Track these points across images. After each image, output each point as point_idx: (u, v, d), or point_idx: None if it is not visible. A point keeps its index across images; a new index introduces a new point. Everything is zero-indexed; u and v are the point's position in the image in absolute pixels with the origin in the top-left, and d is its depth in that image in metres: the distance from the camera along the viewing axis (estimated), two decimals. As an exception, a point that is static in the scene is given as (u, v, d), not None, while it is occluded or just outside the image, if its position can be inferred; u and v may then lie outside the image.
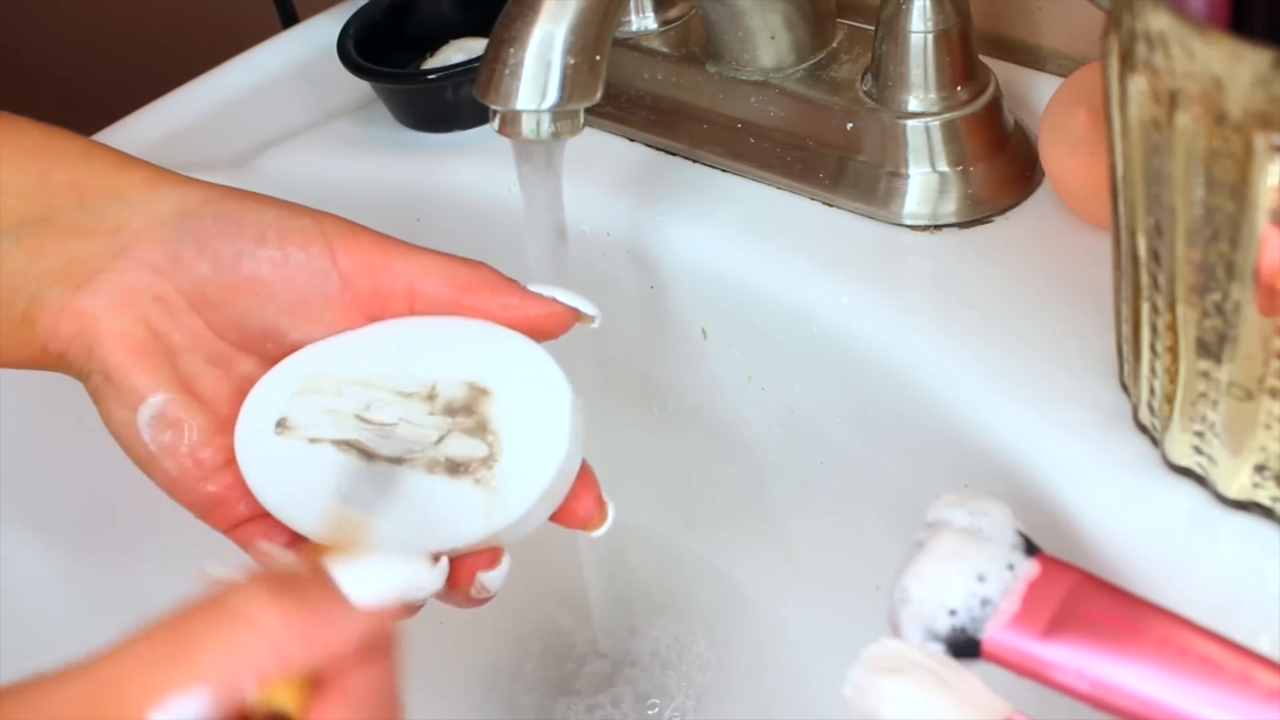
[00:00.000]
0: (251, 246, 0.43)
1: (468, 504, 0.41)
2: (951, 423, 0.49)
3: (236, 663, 0.29)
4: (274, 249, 0.43)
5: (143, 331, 0.43)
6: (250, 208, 0.44)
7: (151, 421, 0.43)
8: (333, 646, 0.30)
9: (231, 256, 0.43)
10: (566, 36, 0.46)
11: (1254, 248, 0.35)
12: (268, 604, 0.30)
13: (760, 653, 0.61)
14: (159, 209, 0.44)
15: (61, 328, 0.43)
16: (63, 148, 0.46)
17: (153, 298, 0.43)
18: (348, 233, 0.44)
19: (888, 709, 0.33)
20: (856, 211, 0.56)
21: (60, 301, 0.43)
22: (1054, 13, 0.59)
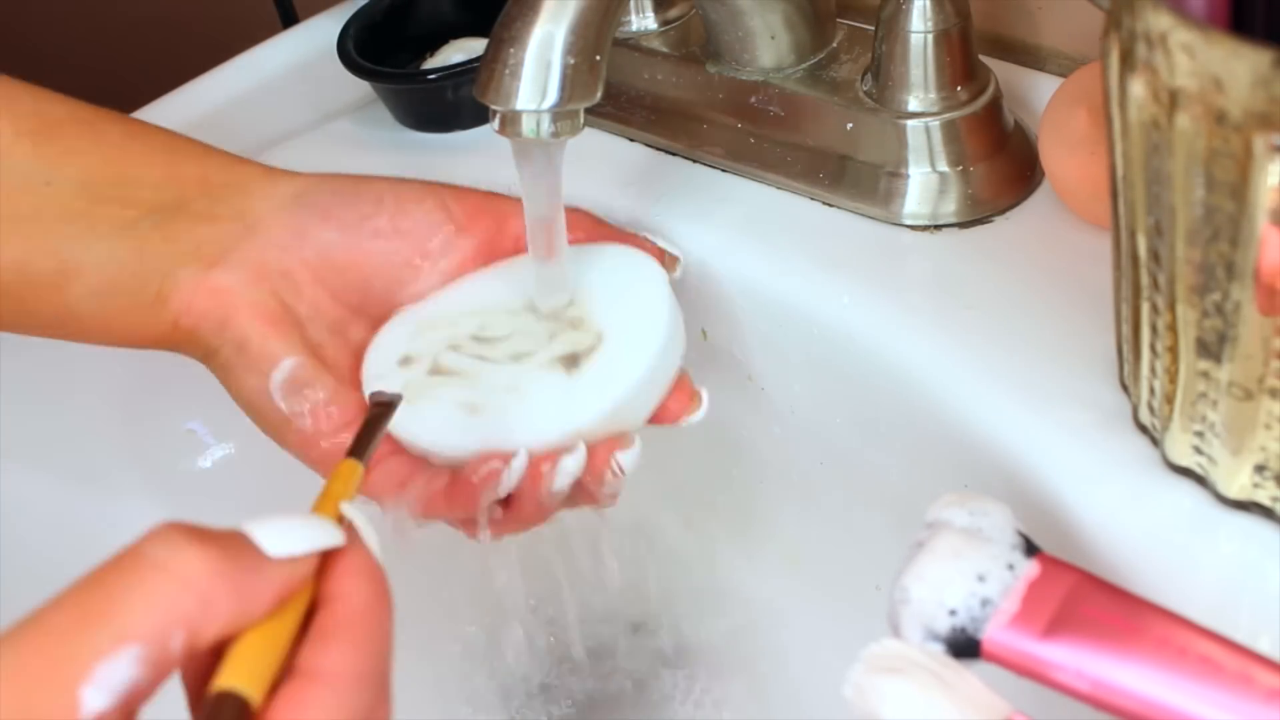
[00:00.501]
0: (372, 208, 0.47)
1: (581, 393, 0.45)
2: (951, 423, 0.49)
3: (163, 615, 0.28)
4: (392, 206, 0.47)
5: (274, 302, 0.46)
6: (363, 181, 0.49)
7: (283, 384, 0.46)
8: (259, 594, 0.30)
9: (355, 219, 0.47)
10: (566, 36, 0.46)
11: (1254, 248, 0.35)
12: (190, 553, 0.29)
13: (760, 653, 0.61)
14: (279, 193, 0.48)
15: (196, 304, 0.46)
16: (186, 147, 0.50)
17: (280, 273, 0.47)
18: (456, 188, 0.49)
19: (888, 709, 0.33)
20: (856, 211, 0.56)
21: (194, 280, 0.46)
22: (1054, 13, 0.59)
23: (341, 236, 0.47)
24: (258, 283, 0.46)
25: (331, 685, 0.29)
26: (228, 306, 0.46)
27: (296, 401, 0.46)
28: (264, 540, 0.30)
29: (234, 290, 0.46)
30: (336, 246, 0.47)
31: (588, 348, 0.46)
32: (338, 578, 0.31)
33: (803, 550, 0.61)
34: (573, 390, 0.45)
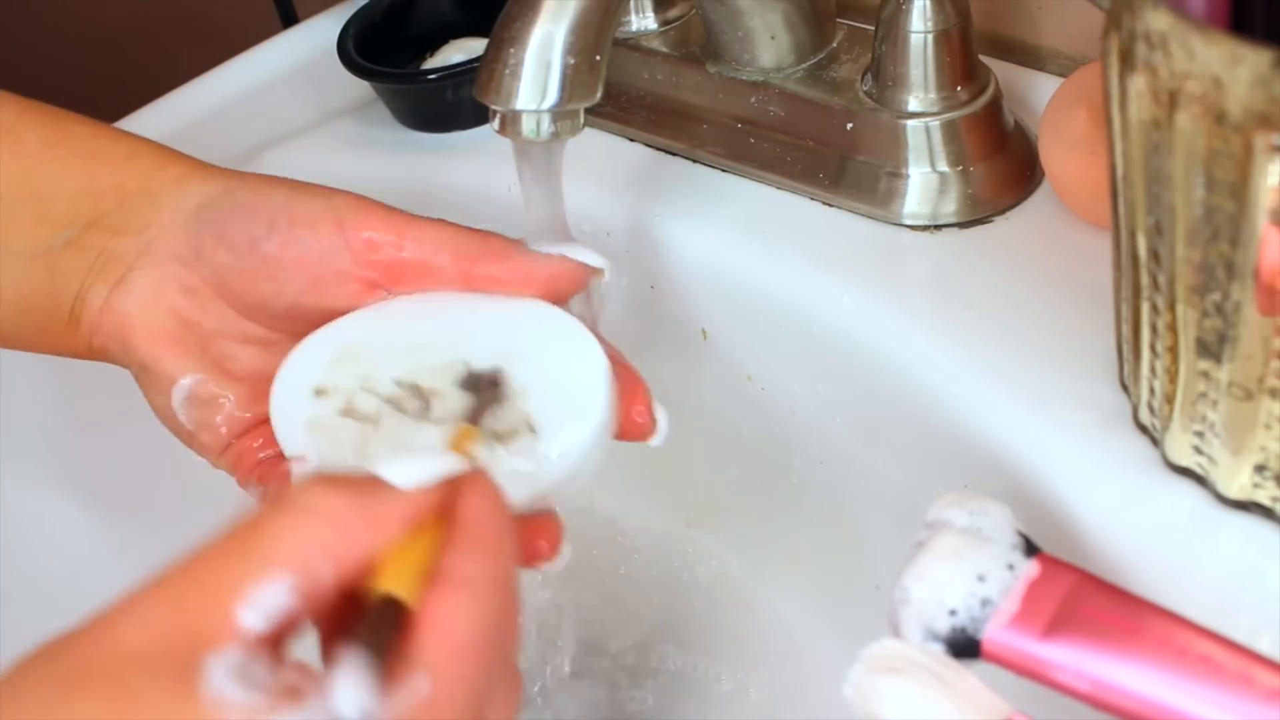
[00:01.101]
0: (264, 231, 0.45)
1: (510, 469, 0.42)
2: (951, 422, 0.49)
3: (309, 547, 0.31)
4: (284, 231, 0.45)
5: (172, 321, 0.45)
6: (263, 193, 0.46)
7: (184, 401, 0.45)
8: (393, 521, 0.32)
9: (246, 243, 0.45)
10: (566, 36, 0.46)
11: (1254, 248, 0.35)
12: (326, 493, 0.32)
13: (760, 652, 0.61)
14: (185, 203, 0.46)
15: (102, 325, 0.46)
16: (109, 150, 0.48)
17: (180, 289, 0.45)
18: (356, 209, 0.45)
19: (888, 709, 0.34)
20: (856, 211, 0.56)
21: (100, 301, 0.46)
22: (1054, 13, 0.59)
23: (233, 260, 0.45)
24: (155, 303, 0.45)
25: (470, 587, 0.32)
26: (127, 330, 0.45)
27: (199, 416, 0.46)
28: (392, 475, 0.34)
29: (132, 313, 0.45)
30: (229, 270, 0.45)
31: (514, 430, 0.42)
32: (466, 502, 0.34)
33: (803, 550, 0.61)
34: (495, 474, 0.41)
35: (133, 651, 0.29)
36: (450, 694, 0.30)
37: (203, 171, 0.47)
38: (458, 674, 0.31)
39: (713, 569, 0.64)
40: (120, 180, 0.47)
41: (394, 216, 0.45)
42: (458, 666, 0.31)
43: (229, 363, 0.46)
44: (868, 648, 0.35)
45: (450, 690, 0.30)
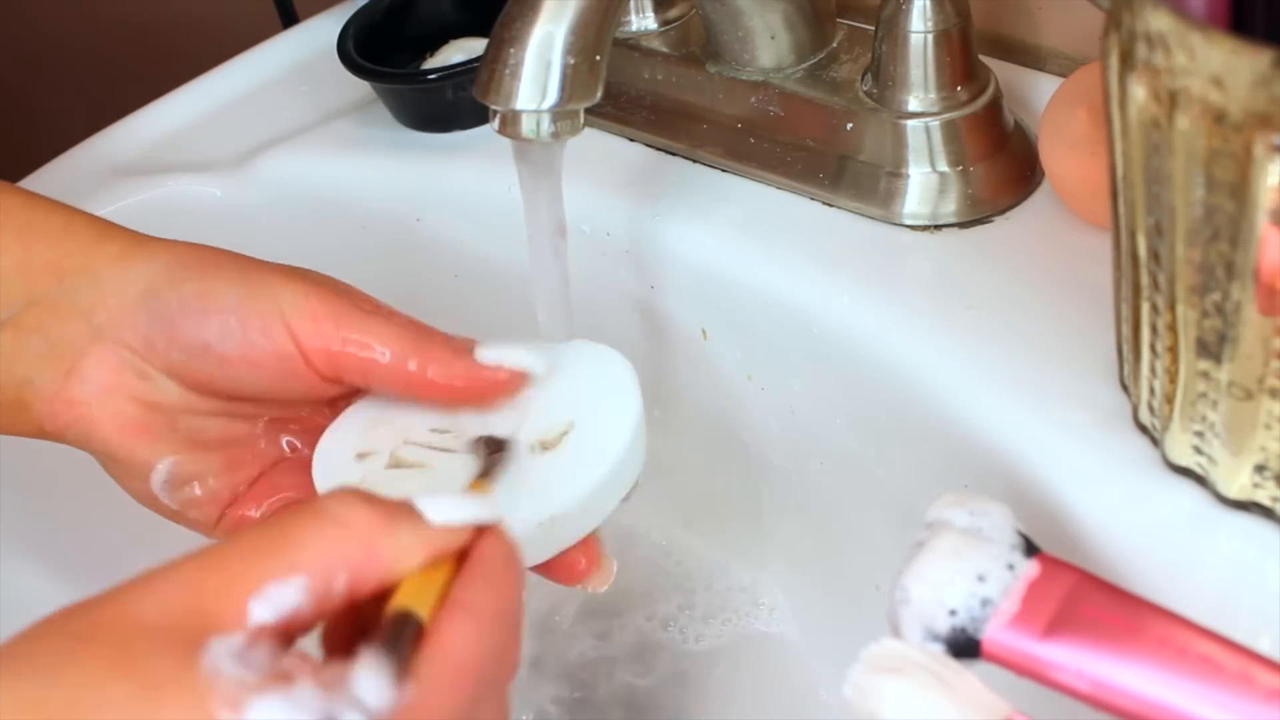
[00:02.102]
0: (216, 337, 0.44)
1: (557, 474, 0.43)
2: (951, 422, 0.49)
3: (331, 556, 0.32)
4: (238, 337, 0.44)
5: (135, 408, 0.44)
6: (212, 289, 0.44)
7: (165, 485, 0.45)
8: (417, 552, 0.33)
9: (199, 346, 0.44)
10: (566, 36, 0.46)
11: (1254, 248, 0.35)
12: (360, 508, 0.33)
13: (760, 652, 0.61)
14: (128, 289, 0.45)
15: (56, 414, 0.44)
16: (43, 223, 0.46)
17: (136, 375, 0.44)
18: (304, 308, 0.44)
19: (888, 709, 0.33)
20: (856, 211, 0.56)
21: (51, 389, 0.44)
22: (1054, 13, 0.59)
23: (187, 360, 0.44)
24: (114, 392, 0.44)
25: (477, 616, 0.33)
26: (87, 421, 0.44)
27: (184, 496, 0.45)
28: (427, 510, 0.34)
29: (90, 403, 0.44)
30: (184, 366, 0.44)
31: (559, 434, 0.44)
32: (482, 541, 0.35)
33: (803, 550, 0.61)
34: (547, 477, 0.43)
35: (144, 621, 0.30)
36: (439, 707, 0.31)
37: (143, 249, 0.46)
38: (449, 691, 0.32)
39: (712, 569, 0.64)
40: (56, 257, 0.45)
41: (341, 312, 0.44)
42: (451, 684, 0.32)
43: (201, 435, 0.45)
44: (868, 648, 0.35)
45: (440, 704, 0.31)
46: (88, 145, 0.71)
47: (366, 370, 0.44)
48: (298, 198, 0.66)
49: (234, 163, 0.68)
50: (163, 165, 0.69)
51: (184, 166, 0.68)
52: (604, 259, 0.59)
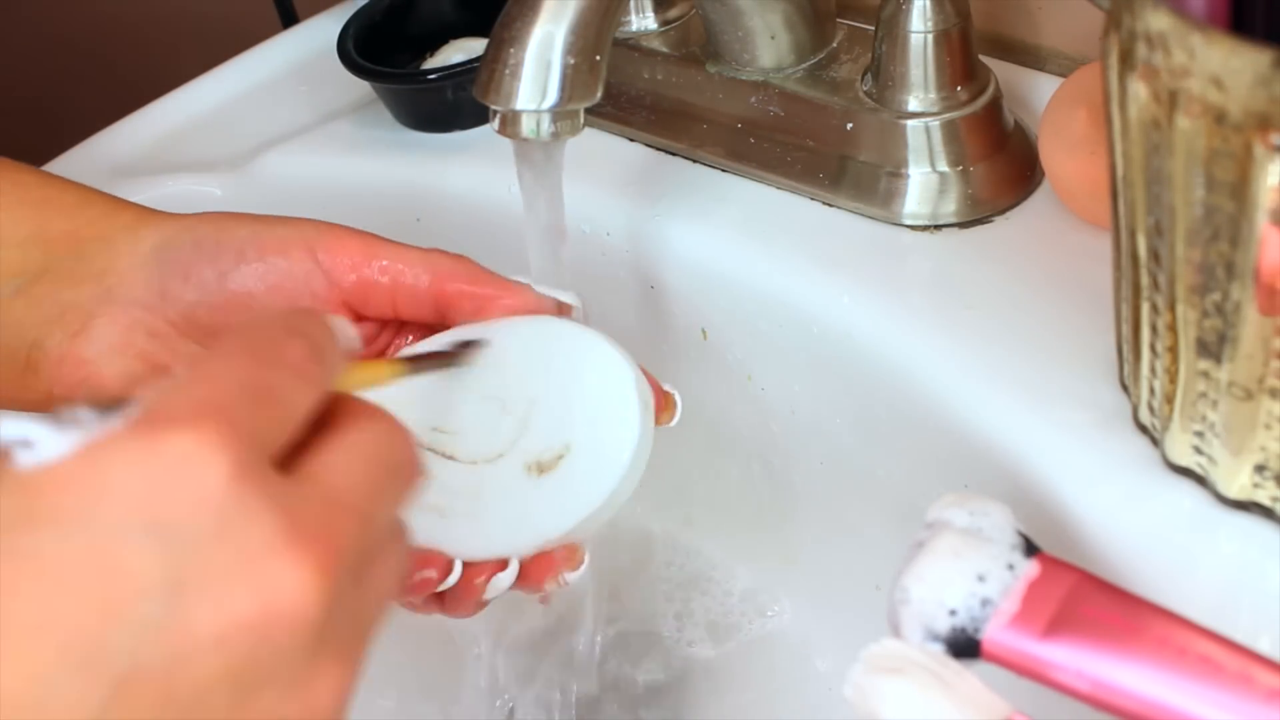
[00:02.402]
0: (233, 264, 0.44)
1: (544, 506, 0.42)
2: (952, 422, 0.49)
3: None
4: (255, 261, 0.44)
5: (141, 366, 0.44)
6: (226, 228, 0.45)
7: None
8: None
9: (215, 278, 0.44)
10: (566, 36, 0.46)
11: (1254, 248, 0.35)
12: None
13: (760, 652, 0.61)
14: (142, 247, 0.45)
15: (65, 374, 0.45)
16: (59, 198, 0.47)
17: (146, 334, 0.45)
18: (326, 233, 0.45)
19: (888, 709, 0.33)
20: (856, 211, 0.56)
21: (61, 349, 0.45)
22: (1054, 13, 0.59)
23: (202, 297, 0.45)
24: (124, 350, 0.45)
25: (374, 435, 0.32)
26: (95, 379, 0.44)
27: None
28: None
29: (99, 360, 0.45)
30: (199, 307, 0.45)
31: (555, 456, 0.43)
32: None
33: (803, 550, 0.61)
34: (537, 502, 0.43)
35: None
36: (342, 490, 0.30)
37: (157, 217, 0.47)
38: (349, 483, 0.31)
39: (712, 568, 0.64)
40: (73, 227, 0.46)
41: (364, 236, 0.45)
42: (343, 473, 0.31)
43: None
44: (868, 648, 0.35)
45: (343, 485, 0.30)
46: (88, 145, 0.71)
47: (394, 287, 0.45)
48: (298, 197, 0.66)
49: (234, 163, 0.68)
50: (163, 165, 0.69)
51: (184, 166, 0.68)
52: (604, 259, 0.59)
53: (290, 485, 0.30)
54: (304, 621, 0.28)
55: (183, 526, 0.28)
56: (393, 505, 0.32)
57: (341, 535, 0.30)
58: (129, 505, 0.27)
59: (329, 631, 0.29)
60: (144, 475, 0.28)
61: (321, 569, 0.29)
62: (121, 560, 0.27)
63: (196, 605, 0.27)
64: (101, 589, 0.27)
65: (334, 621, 0.29)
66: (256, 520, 0.28)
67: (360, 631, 0.31)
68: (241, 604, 0.28)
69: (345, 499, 0.30)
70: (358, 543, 0.30)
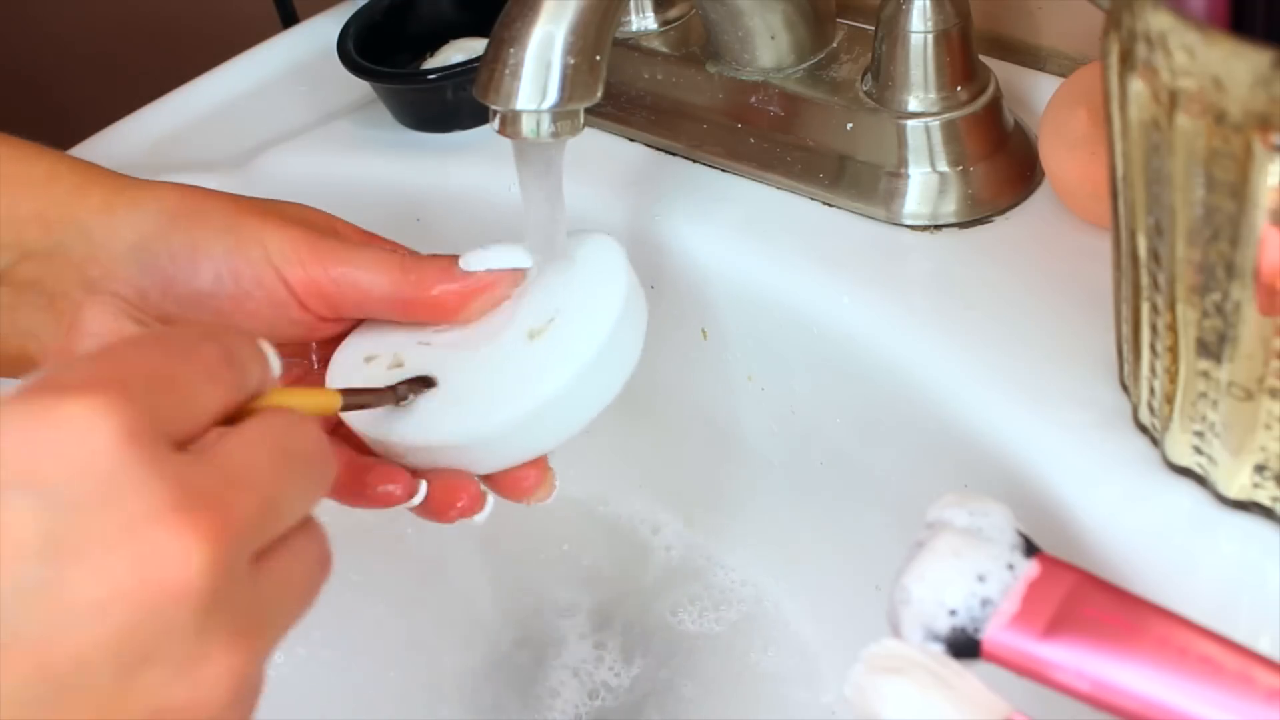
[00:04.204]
0: (210, 288, 0.45)
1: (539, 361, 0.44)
2: (951, 422, 0.49)
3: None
4: (231, 287, 0.45)
5: None
6: (201, 241, 0.45)
7: None
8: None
9: (193, 297, 0.45)
10: (566, 36, 0.46)
11: (1254, 248, 0.35)
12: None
13: (760, 652, 0.61)
14: (117, 243, 0.45)
15: None
16: (26, 173, 0.46)
17: (135, 323, 0.45)
18: (290, 254, 0.45)
19: (888, 709, 0.33)
20: (856, 211, 0.56)
21: (56, 343, 0.45)
22: (1054, 13, 0.59)
23: (181, 311, 0.45)
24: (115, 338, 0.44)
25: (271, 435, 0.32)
26: None
27: None
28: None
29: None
30: (178, 318, 0.45)
31: (546, 321, 0.45)
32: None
33: (803, 550, 0.61)
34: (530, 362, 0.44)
35: None
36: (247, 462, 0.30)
37: (125, 195, 0.46)
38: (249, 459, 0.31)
39: (712, 568, 0.64)
40: (41, 207, 0.46)
41: (323, 250, 0.45)
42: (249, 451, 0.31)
43: None
44: (868, 648, 0.35)
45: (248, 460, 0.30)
46: (88, 145, 0.71)
47: (360, 302, 0.45)
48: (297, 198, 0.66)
49: (234, 163, 0.68)
50: (163, 165, 0.69)
51: (184, 166, 0.68)
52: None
53: (183, 458, 0.29)
54: (189, 593, 0.28)
55: (64, 489, 0.27)
56: (300, 493, 0.32)
57: (234, 509, 0.29)
58: (9, 466, 0.27)
59: (219, 609, 0.28)
60: (30, 438, 0.27)
61: (209, 541, 0.28)
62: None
63: (75, 571, 0.27)
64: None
65: (225, 600, 0.28)
66: (143, 487, 0.27)
67: (259, 618, 0.30)
68: (122, 571, 0.27)
69: (243, 475, 0.30)
70: (254, 521, 0.30)
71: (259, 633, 0.30)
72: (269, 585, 0.30)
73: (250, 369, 0.33)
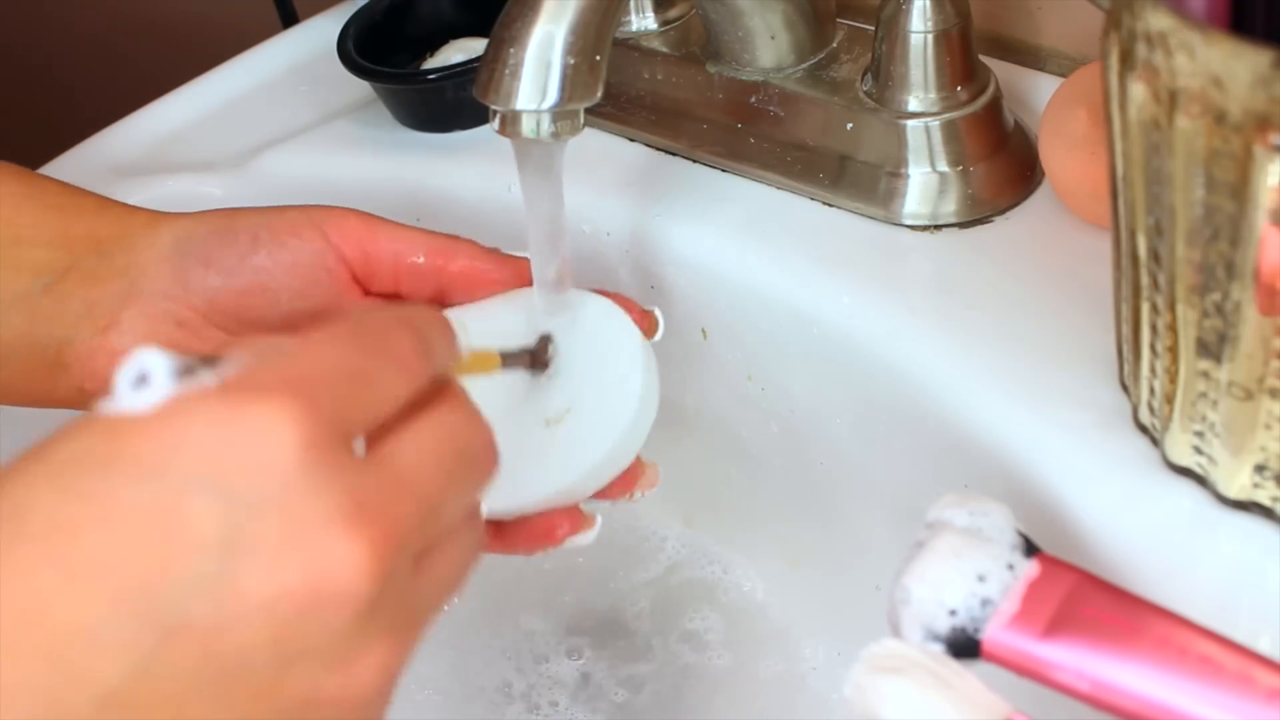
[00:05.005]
0: (249, 247, 0.47)
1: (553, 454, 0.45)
2: (951, 422, 0.49)
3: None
4: (270, 243, 0.47)
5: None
6: (240, 216, 0.48)
7: None
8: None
9: (235, 261, 0.47)
10: (566, 36, 0.46)
11: (1254, 248, 0.35)
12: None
13: (760, 652, 0.61)
14: (161, 241, 0.47)
15: (96, 368, 0.46)
16: (79, 203, 0.49)
17: (174, 323, 0.47)
18: (333, 215, 0.48)
19: (888, 709, 0.34)
20: (856, 211, 0.56)
21: (91, 343, 0.46)
22: (1054, 13, 0.59)
23: (224, 282, 0.47)
24: (152, 339, 0.46)
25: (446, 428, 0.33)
26: None
27: None
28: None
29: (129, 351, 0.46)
30: (221, 292, 0.47)
31: (562, 411, 0.46)
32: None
33: (803, 550, 0.61)
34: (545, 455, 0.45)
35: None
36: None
37: (170, 215, 0.49)
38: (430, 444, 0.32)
39: (712, 569, 0.64)
40: (94, 227, 0.48)
41: (369, 218, 0.48)
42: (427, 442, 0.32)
43: None
44: (868, 648, 0.35)
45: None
46: (88, 145, 0.71)
47: (397, 271, 0.47)
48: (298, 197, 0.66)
49: (234, 162, 0.68)
50: (163, 165, 0.69)
51: (184, 166, 0.68)
52: (604, 259, 0.59)
53: (359, 465, 0.30)
54: (352, 599, 0.29)
55: (246, 490, 0.28)
56: (464, 493, 0.33)
57: (402, 518, 0.30)
58: (200, 463, 0.28)
59: (379, 612, 0.30)
60: (220, 437, 0.29)
61: (376, 550, 0.29)
62: (185, 515, 0.28)
63: (249, 568, 0.28)
64: (162, 540, 0.28)
65: (385, 603, 0.30)
66: (318, 495, 0.29)
67: (414, 616, 0.32)
68: (292, 573, 0.29)
69: (412, 482, 0.31)
70: (419, 527, 0.31)
71: (412, 629, 0.32)
72: (427, 583, 0.32)
73: (440, 352, 0.34)
